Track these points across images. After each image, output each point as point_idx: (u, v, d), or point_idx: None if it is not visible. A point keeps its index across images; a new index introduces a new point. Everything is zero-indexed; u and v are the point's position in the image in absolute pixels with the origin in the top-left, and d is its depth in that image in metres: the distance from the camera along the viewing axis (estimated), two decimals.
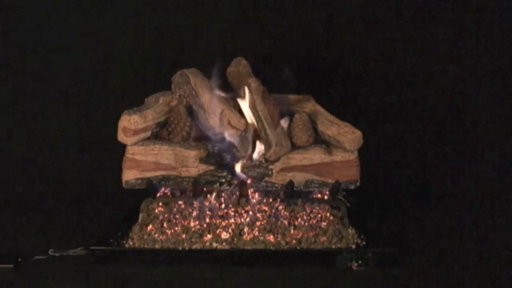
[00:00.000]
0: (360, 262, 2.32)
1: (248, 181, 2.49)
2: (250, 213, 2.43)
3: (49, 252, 2.43)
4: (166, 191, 2.55)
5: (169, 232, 2.39)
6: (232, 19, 3.36)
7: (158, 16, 3.34)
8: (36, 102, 3.37)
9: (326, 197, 2.54)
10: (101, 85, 3.36)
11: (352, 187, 2.52)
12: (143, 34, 3.35)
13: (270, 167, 2.50)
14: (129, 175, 2.48)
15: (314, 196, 2.55)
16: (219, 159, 2.49)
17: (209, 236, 2.38)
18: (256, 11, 3.36)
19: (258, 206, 2.46)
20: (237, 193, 2.48)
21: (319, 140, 2.56)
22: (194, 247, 2.36)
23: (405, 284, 2.22)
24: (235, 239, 2.37)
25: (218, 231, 2.39)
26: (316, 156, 2.50)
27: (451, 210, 3.04)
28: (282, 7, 3.36)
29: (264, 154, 2.49)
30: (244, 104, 2.53)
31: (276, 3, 3.36)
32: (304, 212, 2.45)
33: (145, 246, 2.37)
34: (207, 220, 2.41)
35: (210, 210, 2.43)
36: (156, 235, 2.38)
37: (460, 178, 3.37)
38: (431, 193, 3.28)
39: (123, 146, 2.50)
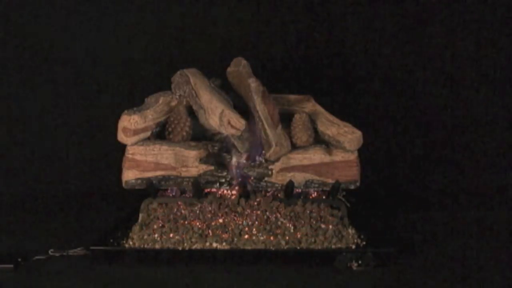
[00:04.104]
0: (360, 262, 2.32)
1: (248, 181, 2.50)
2: (250, 213, 2.43)
3: (49, 252, 2.43)
4: (168, 191, 2.55)
5: (169, 232, 2.39)
6: (232, 19, 3.36)
7: (158, 16, 3.35)
8: (36, 102, 3.37)
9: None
10: (101, 85, 3.36)
11: (352, 187, 2.52)
12: (143, 34, 3.35)
13: (270, 167, 2.50)
14: (129, 175, 2.48)
15: (314, 196, 2.55)
16: (219, 159, 2.49)
17: (209, 236, 2.38)
18: (256, 11, 3.36)
19: (258, 206, 2.45)
20: (237, 193, 2.48)
21: (319, 140, 2.56)
22: (194, 247, 2.36)
23: (405, 284, 2.22)
24: (235, 239, 2.38)
25: (218, 231, 2.39)
26: (316, 156, 2.50)
27: (451, 209, 3.04)
28: (282, 7, 3.36)
29: (264, 154, 2.49)
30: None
31: (277, 3, 3.36)
32: (304, 212, 2.45)
33: (145, 246, 2.37)
34: (207, 220, 2.42)
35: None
36: (156, 235, 2.39)
37: (460, 178, 3.38)
38: (431, 193, 3.28)
39: (123, 146, 2.50)
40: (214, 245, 2.36)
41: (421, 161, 3.41)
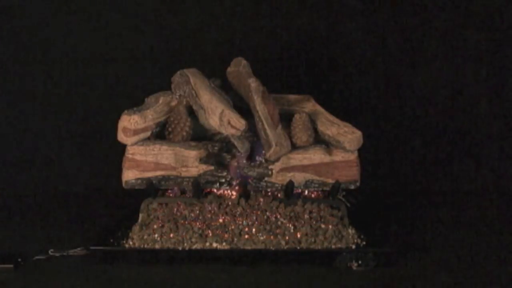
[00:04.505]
0: (360, 262, 2.32)
1: (248, 181, 2.49)
2: (250, 213, 2.43)
3: (49, 252, 2.43)
4: (169, 191, 2.55)
5: (169, 232, 2.39)
6: (232, 19, 3.36)
7: (158, 16, 3.35)
8: (36, 102, 3.37)
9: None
10: (101, 85, 3.36)
11: (352, 187, 2.52)
12: (143, 34, 3.35)
13: (270, 167, 2.49)
14: (129, 175, 2.48)
15: (314, 196, 2.54)
16: (219, 159, 2.49)
17: (209, 236, 2.38)
18: (256, 11, 3.36)
19: (258, 206, 2.45)
20: (237, 193, 2.48)
21: (319, 140, 2.56)
22: (194, 247, 2.36)
23: (405, 284, 2.22)
24: (235, 239, 2.38)
25: (218, 231, 2.39)
26: (316, 156, 2.50)
27: (451, 209, 3.04)
28: (282, 7, 3.36)
29: (264, 154, 2.49)
30: None
31: (277, 3, 3.36)
32: (304, 212, 2.45)
33: (145, 246, 2.37)
34: (207, 220, 2.42)
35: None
36: (156, 235, 2.39)
37: (460, 178, 3.37)
38: (431, 192, 3.28)
39: (123, 146, 2.50)
40: (214, 245, 2.36)
41: (421, 161, 3.40)
